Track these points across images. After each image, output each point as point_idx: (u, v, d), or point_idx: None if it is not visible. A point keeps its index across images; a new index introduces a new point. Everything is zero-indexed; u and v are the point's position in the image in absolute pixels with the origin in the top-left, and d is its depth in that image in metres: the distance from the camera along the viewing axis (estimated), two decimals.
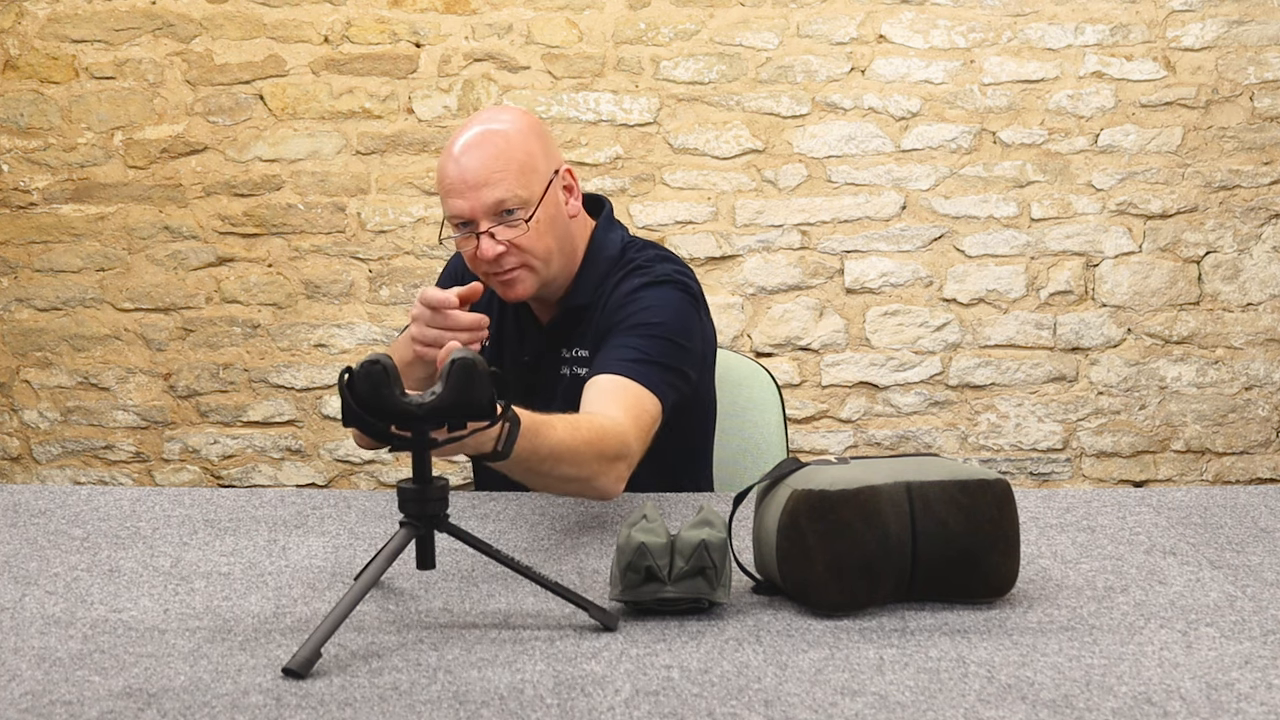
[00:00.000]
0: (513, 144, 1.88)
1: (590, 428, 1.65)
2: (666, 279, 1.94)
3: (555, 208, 1.92)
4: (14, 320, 3.79)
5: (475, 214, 1.87)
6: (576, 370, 1.99)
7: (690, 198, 3.70)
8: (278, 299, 3.75)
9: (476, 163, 1.86)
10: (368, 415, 1.29)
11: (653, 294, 1.92)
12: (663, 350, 1.86)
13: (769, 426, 2.25)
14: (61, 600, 1.42)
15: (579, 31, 3.68)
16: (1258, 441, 3.72)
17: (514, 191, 1.86)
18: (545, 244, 1.91)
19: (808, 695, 1.13)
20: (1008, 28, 3.66)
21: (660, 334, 1.87)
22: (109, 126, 3.72)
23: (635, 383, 1.79)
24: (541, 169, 1.90)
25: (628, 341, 1.85)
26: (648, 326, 1.87)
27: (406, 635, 1.30)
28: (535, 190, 1.89)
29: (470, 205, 1.86)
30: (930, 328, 3.72)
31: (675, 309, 1.91)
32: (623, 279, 1.97)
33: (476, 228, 1.88)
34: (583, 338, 1.99)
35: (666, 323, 1.89)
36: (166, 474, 3.80)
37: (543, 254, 1.91)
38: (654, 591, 1.32)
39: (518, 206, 1.87)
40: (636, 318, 1.89)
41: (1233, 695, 1.12)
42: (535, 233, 1.89)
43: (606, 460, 1.66)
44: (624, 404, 1.75)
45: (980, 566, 1.36)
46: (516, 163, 1.87)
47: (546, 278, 1.94)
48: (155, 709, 1.11)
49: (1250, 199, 3.68)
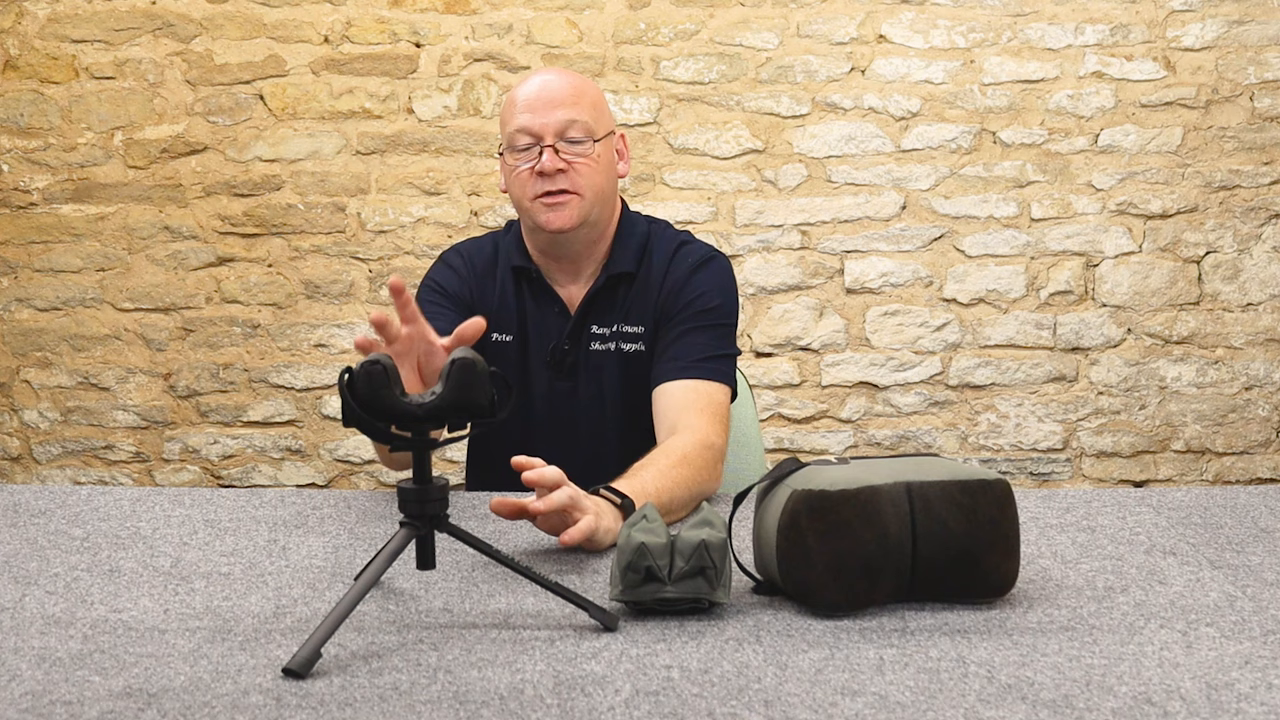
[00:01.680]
0: (587, 85, 2.01)
1: (678, 456, 1.78)
2: (714, 255, 2.06)
3: (611, 157, 2.02)
4: (14, 320, 3.79)
5: (544, 130, 1.93)
6: (623, 347, 2.02)
7: (690, 198, 3.70)
8: (278, 299, 3.75)
9: (555, 86, 1.97)
10: (368, 415, 1.29)
11: (709, 273, 2.02)
12: (722, 337, 1.99)
13: (746, 420, 2.26)
14: (61, 600, 1.42)
15: (579, 31, 3.68)
16: (1258, 441, 3.72)
17: (584, 118, 1.95)
18: (599, 181, 1.97)
19: (808, 695, 1.13)
20: (1008, 28, 3.66)
21: (720, 320, 2.00)
22: (109, 126, 3.72)
23: (703, 381, 1.94)
24: (606, 117, 2.01)
25: (693, 339, 1.97)
26: (709, 313, 1.99)
27: (406, 635, 1.30)
28: (601, 128, 1.98)
29: (541, 121, 1.93)
30: (930, 328, 3.72)
31: (730, 287, 2.03)
32: (676, 255, 2.04)
33: (541, 141, 1.93)
34: (624, 312, 2.03)
35: (723, 305, 2.01)
36: (166, 474, 3.80)
37: (596, 189, 1.96)
38: (654, 591, 1.32)
39: (584, 136, 1.95)
40: (698, 304, 1.99)
41: (1233, 695, 1.12)
42: (595, 163, 1.96)
43: (705, 468, 1.81)
44: (699, 407, 1.90)
45: (980, 566, 1.35)
46: (589, 98, 1.98)
47: (590, 217, 1.97)
48: (155, 709, 1.11)
49: (1250, 199, 3.68)
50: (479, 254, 2.10)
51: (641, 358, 2.02)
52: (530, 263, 2.05)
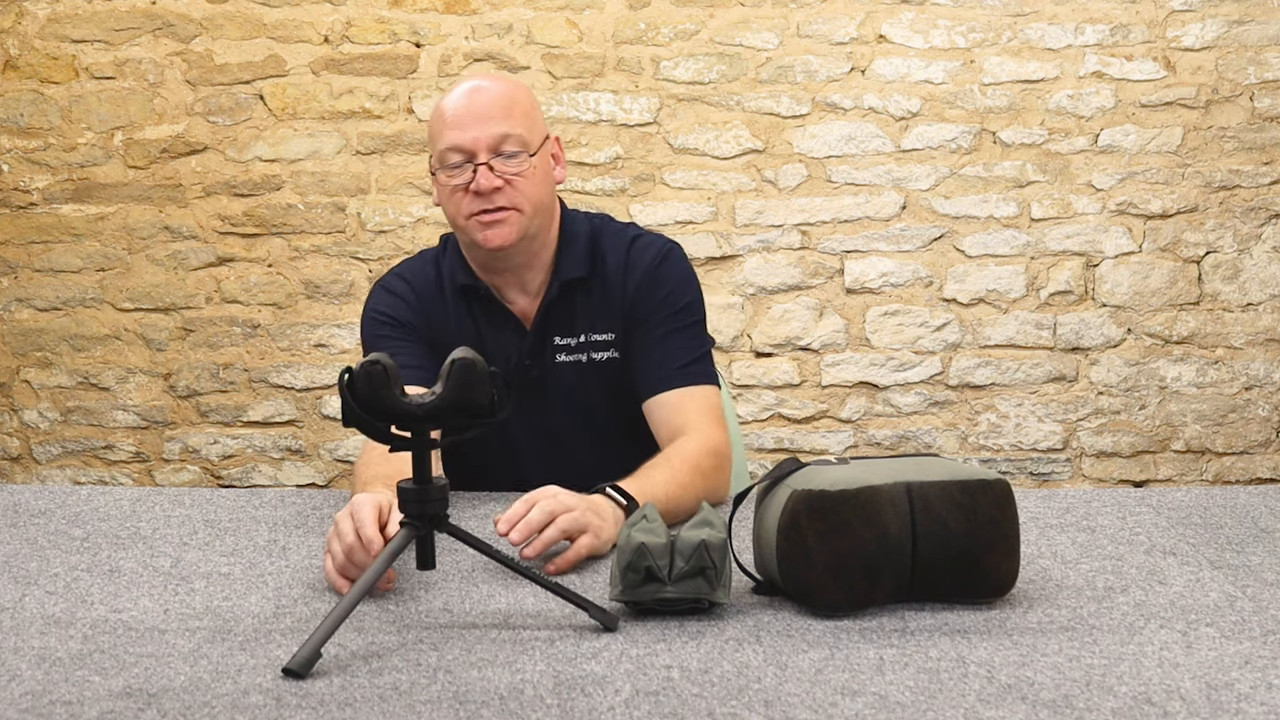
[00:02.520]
0: (518, 91, 1.92)
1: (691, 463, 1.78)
2: (669, 246, 2.00)
3: (547, 166, 1.93)
4: (14, 320, 3.79)
5: (477, 145, 1.84)
6: (594, 356, 1.96)
7: (690, 198, 3.70)
8: (278, 299, 3.75)
9: (484, 99, 1.87)
10: (368, 415, 1.29)
11: (669, 270, 1.97)
12: (698, 335, 1.96)
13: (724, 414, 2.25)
14: (61, 600, 1.42)
15: (579, 31, 3.68)
16: (1258, 441, 3.72)
17: (518, 130, 1.86)
18: (539, 192, 1.89)
19: (808, 695, 1.13)
20: (1008, 28, 3.66)
21: (695, 315, 1.97)
22: (109, 126, 3.72)
23: (694, 386, 1.92)
24: (539, 123, 1.93)
25: (674, 344, 1.93)
26: (683, 313, 1.96)
27: (406, 635, 1.30)
28: (535, 138, 1.89)
29: (473, 136, 1.84)
30: (930, 328, 3.72)
31: (691, 278, 1.99)
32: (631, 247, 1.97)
33: (474, 159, 1.85)
34: (587, 320, 1.95)
35: (694, 300, 1.98)
36: (166, 474, 3.80)
37: (534, 201, 1.88)
38: (654, 591, 1.32)
39: (519, 148, 1.86)
40: (668, 304, 1.95)
41: (1233, 695, 1.12)
42: (533, 176, 1.88)
43: (710, 473, 1.81)
44: (696, 413, 1.89)
45: (980, 566, 1.35)
46: (521, 107, 1.89)
47: (529, 231, 1.89)
48: (155, 709, 1.11)
49: (1250, 199, 3.68)
50: (420, 277, 2.00)
51: (616, 364, 1.95)
52: (477, 280, 1.95)
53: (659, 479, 1.71)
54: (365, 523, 1.43)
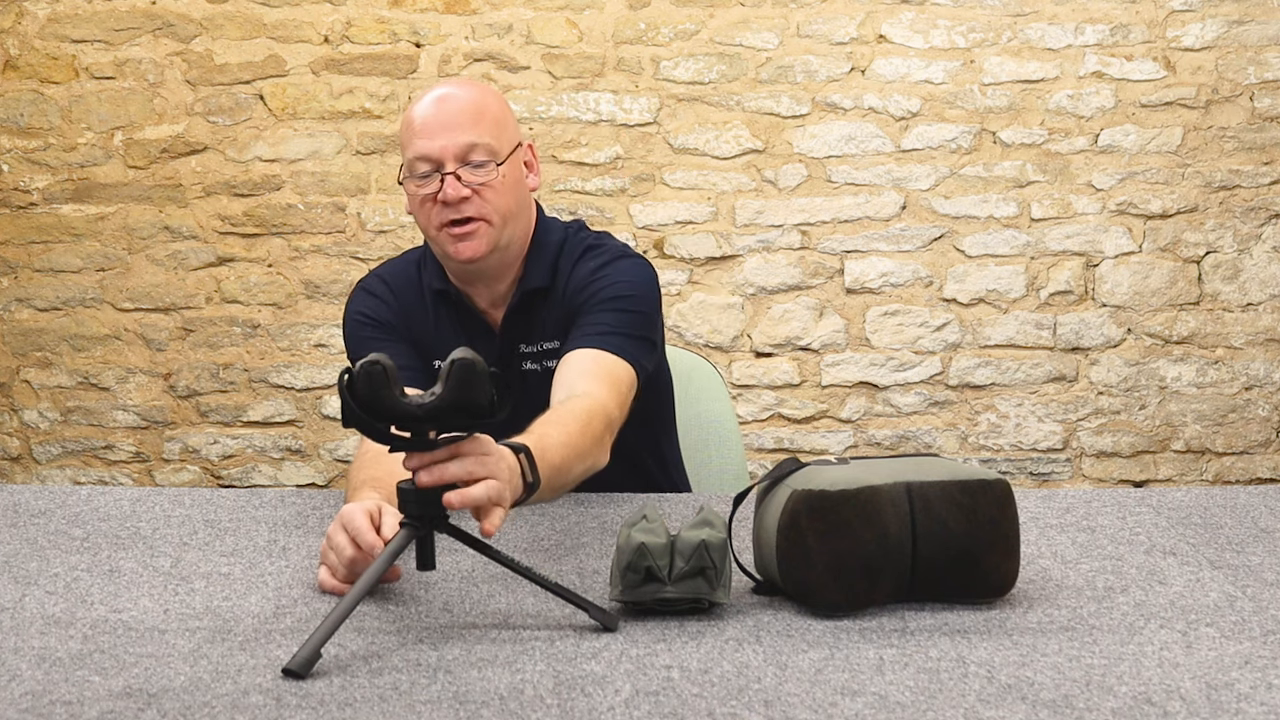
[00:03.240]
0: (487, 99, 1.89)
1: (575, 416, 1.67)
2: (625, 254, 1.96)
3: (518, 174, 1.91)
4: (14, 320, 3.79)
5: (444, 155, 1.82)
6: (548, 364, 1.94)
7: (690, 198, 3.70)
8: (278, 299, 3.75)
9: (452, 108, 1.85)
10: (368, 416, 1.29)
11: (617, 269, 1.93)
12: (632, 321, 1.88)
13: (723, 415, 2.25)
14: (61, 600, 1.42)
15: (579, 31, 3.68)
16: (1258, 441, 3.72)
17: (486, 139, 1.84)
18: (507, 202, 1.87)
19: (808, 695, 1.13)
20: (1008, 28, 3.66)
21: (629, 307, 1.89)
22: (109, 126, 3.72)
23: (608, 353, 1.83)
24: (510, 131, 1.90)
25: (598, 318, 1.87)
26: (616, 300, 1.89)
27: (406, 635, 1.30)
28: (505, 147, 1.87)
29: (440, 145, 1.82)
30: (930, 328, 3.72)
31: (642, 280, 1.93)
32: (580, 259, 1.95)
33: (441, 168, 1.83)
34: (544, 328, 1.95)
35: (635, 295, 1.91)
36: (166, 474, 3.80)
37: (503, 211, 1.86)
38: (654, 591, 1.32)
39: (487, 157, 1.84)
40: (605, 293, 1.90)
41: (1233, 695, 1.12)
42: (501, 186, 1.86)
43: (598, 440, 1.70)
44: (598, 375, 1.79)
45: (980, 566, 1.36)
46: (490, 115, 1.87)
47: (500, 241, 1.88)
48: (155, 709, 1.11)
49: (1250, 199, 3.68)
50: (400, 278, 2.00)
51: None
52: (450, 285, 1.95)
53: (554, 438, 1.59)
54: (361, 530, 1.41)
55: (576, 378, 1.79)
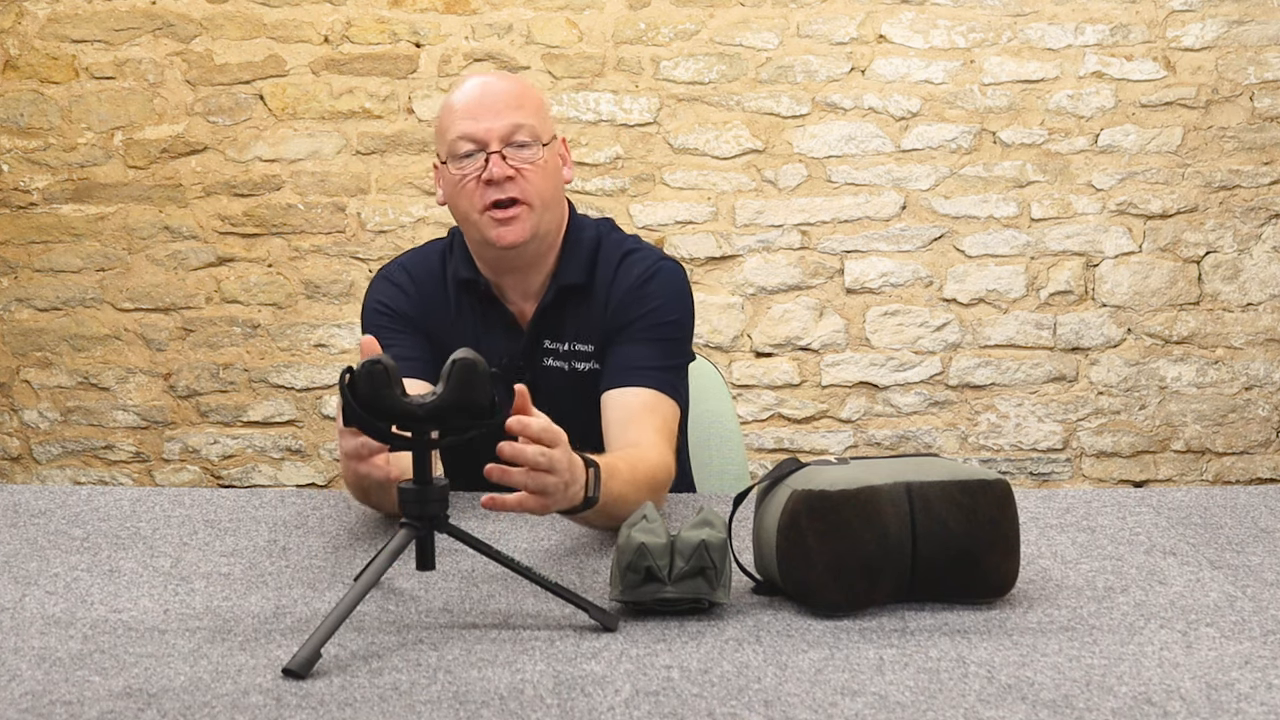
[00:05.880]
0: (529, 86, 1.92)
1: (645, 467, 1.71)
2: (663, 261, 1.96)
3: (557, 162, 1.92)
4: (14, 320, 3.79)
5: (490, 135, 1.83)
6: (575, 365, 1.93)
7: (690, 198, 3.70)
8: (278, 299, 3.75)
9: (497, 89, 1.87)
10: (368, 416, 1.29)
11: (659, 283, 1.92)
12: (675, 350, 1.90)
13: (724, 415, 2.25)
14: (61, 600, 1.42)
15: (579, 31, 3.68)
16: (1258, 441, 3.72)
17: (531, 121, 1.85)
18: (549, 187, 1.87)
19: (808, 695, 1.13)
20: (1008, 28, 3.66)
21: (672, 334, 1.91)
22: (109, 126, 3.72)
23: (661, 394, 1.85)
24: (549, 122, 1.92)
25: (646, 348, 1.88)
26: (661, 328, 1.90)
27: (406, 635, 1.30)
28: (546, 133, 1.89)
29: (486, 126, 1.83)
30: (930, 328, 3.72)
31: (682, 298, 1.94)
32: (621, 264, 1.94)
33: (486, 148, 1.83)
34: (576, 329, 1.93)
35: (677, 319, 1.92)
36: (166, 474, 3.80)
37: (544, 196, 1.86)
38: (654, 591, 1.32)
39: (531, 139, 1.85)
40: (651, 318, 1.90)
41: (1233, 695, 1.12)
42: (544, 169, 1.86)
43: (656, 490, 1.74)
44: (655, 424, 1.82)
45: (980, 566, 1.36)
46: (533, 101, 1.89)
47: (540, 229, 1.87)
48: (155, 709, 1.11)
49: (1250, 199, 3.68)
50: (423, 269, 1.99)
51: (596, 376, 1.91)
52: (479, 275, 1.93)
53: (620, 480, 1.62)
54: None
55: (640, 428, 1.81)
